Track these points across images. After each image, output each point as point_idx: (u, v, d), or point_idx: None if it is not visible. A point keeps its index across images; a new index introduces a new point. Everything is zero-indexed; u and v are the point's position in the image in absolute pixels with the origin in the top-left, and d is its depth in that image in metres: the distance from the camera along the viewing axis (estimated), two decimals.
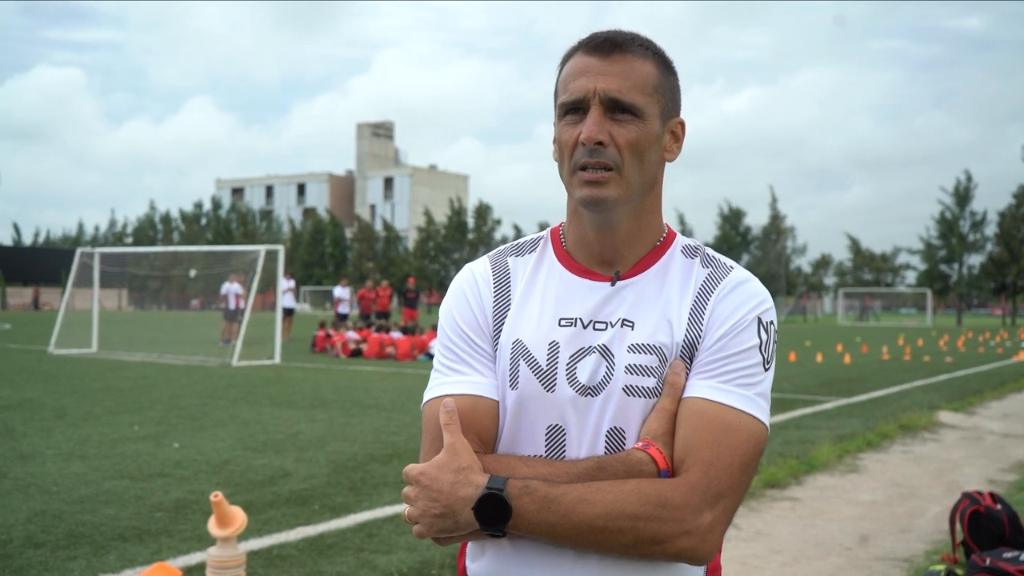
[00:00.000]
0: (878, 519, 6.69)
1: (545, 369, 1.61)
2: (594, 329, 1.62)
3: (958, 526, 5.37)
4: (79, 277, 24.40)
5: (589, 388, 1.59)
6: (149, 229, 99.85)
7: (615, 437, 1.59)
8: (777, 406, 12.94)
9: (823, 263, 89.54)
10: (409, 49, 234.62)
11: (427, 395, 1.67)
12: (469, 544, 1.67)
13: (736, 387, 1.57)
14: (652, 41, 1.67)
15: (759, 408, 1.58)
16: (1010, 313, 73.81)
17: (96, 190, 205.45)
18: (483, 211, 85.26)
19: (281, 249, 22.43)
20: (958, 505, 5.41)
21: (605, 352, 1.60)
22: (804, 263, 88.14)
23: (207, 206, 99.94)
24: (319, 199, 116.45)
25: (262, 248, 22.78)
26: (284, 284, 24.84)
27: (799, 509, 6.91)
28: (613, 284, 1.65)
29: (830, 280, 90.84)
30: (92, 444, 8.89)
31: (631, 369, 1.59)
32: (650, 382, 1.58)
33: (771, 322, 1.64)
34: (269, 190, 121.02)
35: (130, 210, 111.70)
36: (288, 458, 8.31)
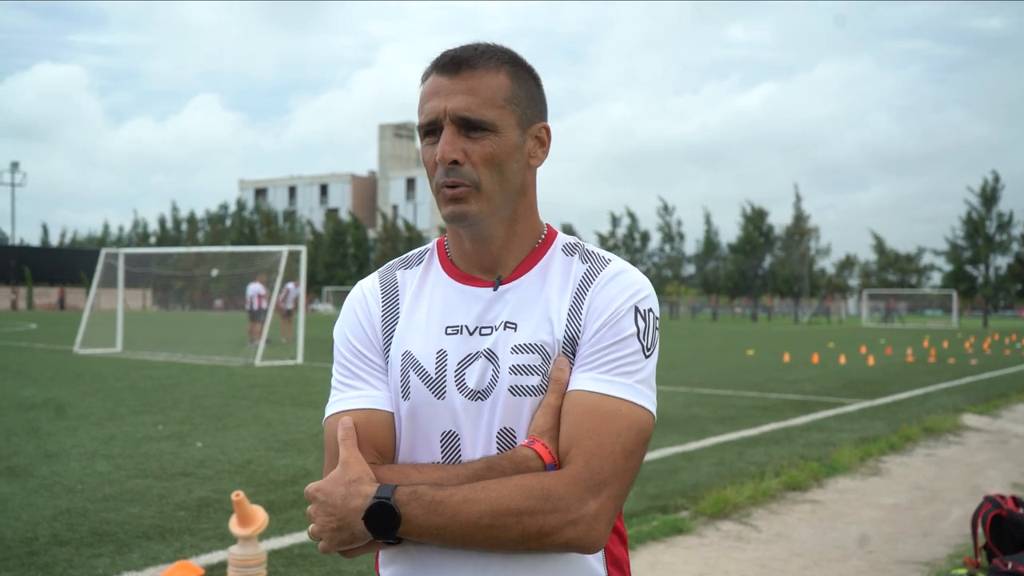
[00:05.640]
0: (900, 522, 6.66)
1: (434, 377, 1.64)
2: (480, 334, 1.65)
3: (980, 530, 5.34)
4: (104, 277, 24.65)
5: (478, 392, 1.62)
6: (172, 230, 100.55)
7: (506, 438, 1.61)
8: (799, 408, 12.88)
9: (847, 264, 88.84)
10: (415, 44, 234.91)
11: (326, 413, 1.69)
12: (380, 553, 1.69)
13: (616, 376, 1.59)
14: (507, 51, 1.67)
15: (641, 395, 1.60)
16: None
17: (107, 188, 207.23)
18: None
19: (303, 250, 22.54)
20: (980, 509, 5.38)
21: (491, 356, 1.63)
22: (828, 264, 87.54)
23: (232, 207, 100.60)
24: (342, 200, 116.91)
25: (285, 249, 22.90)
26: (293, 289, 25.24)
27: (820, 512, 6.88)
28: (495, 289, 1.68)
29: (854, 281, 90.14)
30: (116, 443, 8.99)
31: (515, 369, 1.61)
32: (534, 380, 1.61)
33: (649, 309, 1.65)
34: (292, 191, 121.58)
35: (145, 210, 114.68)
36: (310, 458, 8.36)
